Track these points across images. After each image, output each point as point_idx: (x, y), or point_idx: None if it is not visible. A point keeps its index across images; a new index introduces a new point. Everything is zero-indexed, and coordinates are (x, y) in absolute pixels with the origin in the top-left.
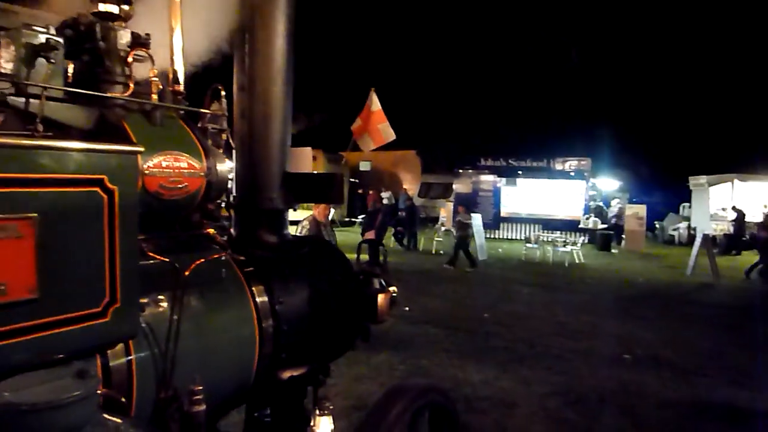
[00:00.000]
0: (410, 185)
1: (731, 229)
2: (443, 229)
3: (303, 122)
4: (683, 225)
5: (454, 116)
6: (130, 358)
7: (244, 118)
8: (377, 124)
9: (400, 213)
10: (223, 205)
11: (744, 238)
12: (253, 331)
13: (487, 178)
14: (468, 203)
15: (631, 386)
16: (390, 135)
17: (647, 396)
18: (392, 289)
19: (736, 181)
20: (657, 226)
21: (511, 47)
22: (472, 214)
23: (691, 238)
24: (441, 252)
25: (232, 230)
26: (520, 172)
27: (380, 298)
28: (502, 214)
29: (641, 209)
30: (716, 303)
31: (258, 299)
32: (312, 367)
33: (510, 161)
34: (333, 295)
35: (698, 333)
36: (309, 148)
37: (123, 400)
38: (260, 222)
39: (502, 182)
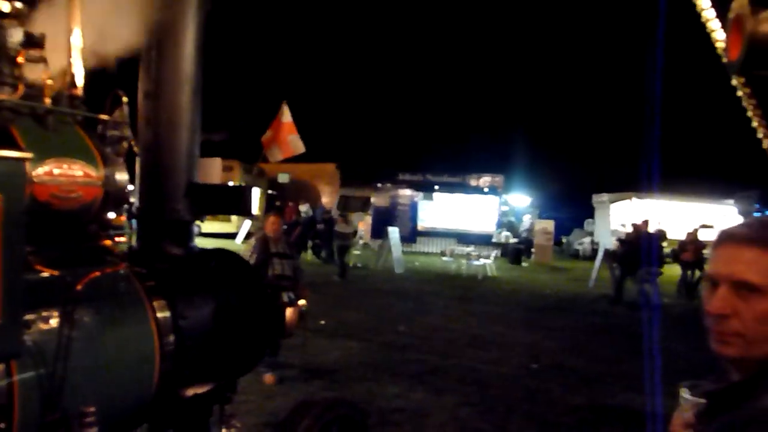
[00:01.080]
0: (329, 198)
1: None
2: (361, 242)
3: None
4: (587, 239)
5: (373, 130)
6: (11, 379)
7: (150, 125)
8: (287, 136)
9: (318, 226)
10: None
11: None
12: (152, 347)
13: (405, 193)
14: (382, 216)
15: (538, 394)
16: (299, 147)
17: (552, 402)
18: (301, 302)
19: (634, 198)
20: (564, 240)
21: (430, 66)
22: (389, 228)
23: (595, 252)
24: (359, 265)
25: (133, 242)
26: (436, 187)
27: (288, 311)
28: (419, 227)
29: (549, 224)
30: (616, 313)
31: (159, 314)
32: (218, 384)
33: (427, 176)
34: (240, 309)
35: (599, 341)
36: (218, 159)
37: (2, 425)
38: (164, 233)
39: (419, 197)
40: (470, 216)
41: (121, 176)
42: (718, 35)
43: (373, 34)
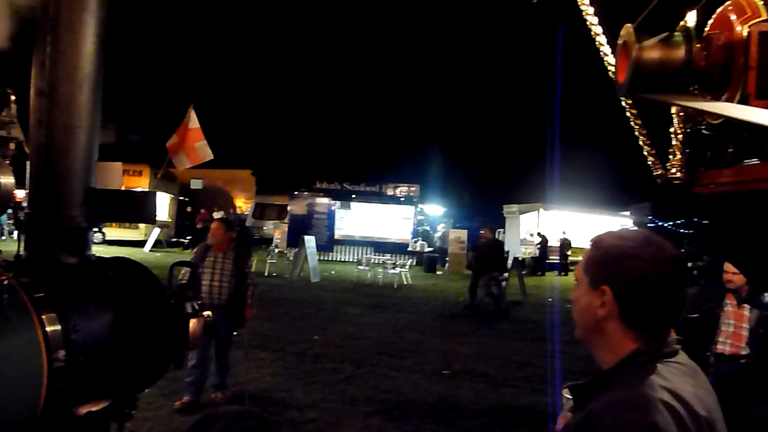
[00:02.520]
0: (245, 205)
1: (537, 253)
2: (277, 250)
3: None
4: None
5: (290, 138)
6: None
7: (42, 126)
8: (194, 143)
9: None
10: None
11: (547, 260)
12: (40, 363)
13: (322, 201)
14: (298, 225)
15: (449, 399)
16: (207, 154)
17: (462, 407)
18: (206, 313)
19: (541, 210)
20: None
21: (348, 75)
22: (305, 236)
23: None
24: (274, 274)
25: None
26: (354, 196)
27: (192, 322)
28: (336, 236)
29: (463, 234)
30: (524, 319)
31: (48, 328)
32: (116, 400)
33: (344, 185)
34: (140, 321)
35: (508, 346)
36: (119, 163)
37: None
38: (57, 241)
39: (336, 205)
40: (387, 225)
41: (7, 179)
42: (610, 60)
43: (290, 40)
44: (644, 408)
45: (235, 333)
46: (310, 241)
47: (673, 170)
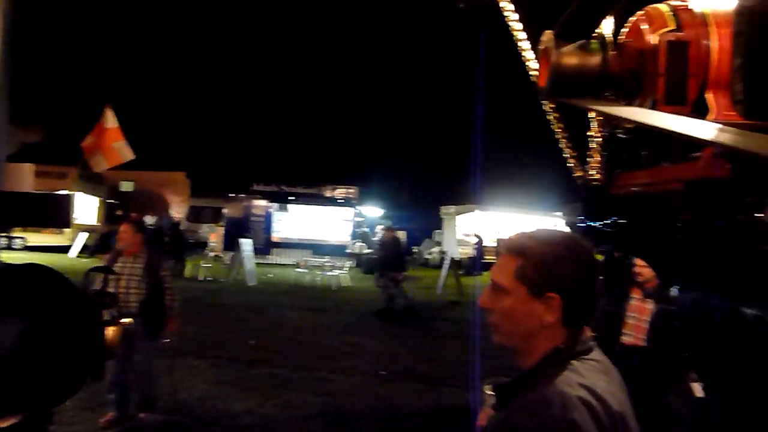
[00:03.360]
0: (179, 208)
1: (474, 253)
2: (212, 254)
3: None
4: (436, 249)
5: (226, 139)
6: None
7: None
8: (112, 143)
9: (164, 238)
10: None
11: (483, 260)
12: None
13: (259, 203)
14: (235, 228)
15: (387, 400)
16: (127, 155)
17: (400, 408)
18: (126, 320)
19: (477, 210)
20: (415, 250)
21: (284, 76)
22: (242, 240)
23: (442, 261)
24: (209, 278)
25: None
26: (291, 198)
27: (110, 330)
28: (274, 239)
29: (401, 235)
30: (460, 318)
31: None
32: (27, 415)
33: (282, 187)
34: (52, 330)
35: (445, 346)
36: (29, 165)
37: None
38: None
39: (274, 207)
40: (325, 227)
41: None
42: (533, 65)
43: (224, 38)
44: (564, 405)
45: (166, 340)
46: (246, 244)
47: (593, 172)
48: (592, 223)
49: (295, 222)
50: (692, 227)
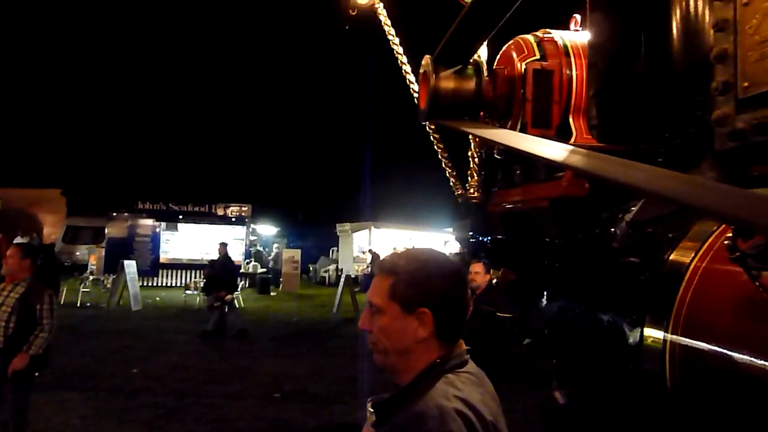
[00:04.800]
0: (53, 228)
1: (369, 269)
2: (92, 278)
3: None
4: (332, 267)
5: (108, 154)
6: None
7: None
8: None
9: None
10: None
11: None
12: None
13: (146, 222)
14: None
15: (279, 422)
16: None
17: (292, 429)
18: None
19: (373, 227)
20: (311, 268)
21: (172, 89)
22: (125, 261)
23: (339, 279)
24: (88, 304)
25: None
26: (181, 217)
27: None
28: (162, 260)
29: (296, 253)
30: (355, 335)
31: None
32: None
33: (170, 205)
34: None
35: (340, 364)
36: None
37: None
38: None
39: (161, 227)
40: (217, 246)
41: None
42: (415, 87)
43: (107, 44)
44: (441, 418)
45: (36, 374)
46: (130, 266)
47: (471, 190)
48: (481, 239)
49: (185, 242)
50: (557, 241)
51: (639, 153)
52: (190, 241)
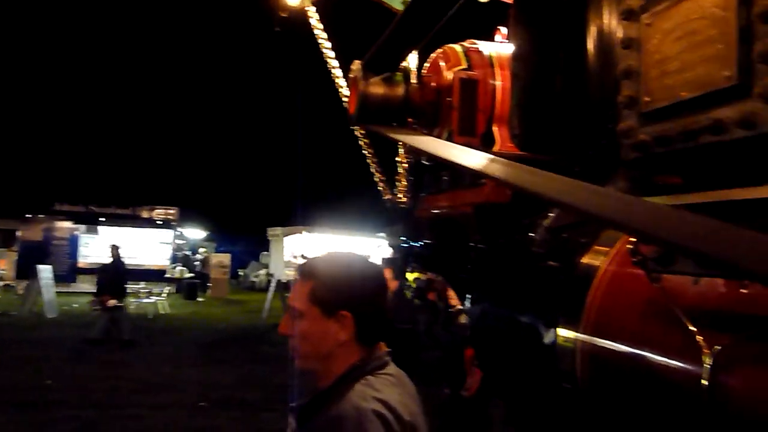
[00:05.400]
0: None
1: None
2: (2, 283)
3: None
4: (263, 272)
5: (20, 152)
6: None
7: None
8: None
9: None
10: None
11: None
12: None
13: (63, 225)
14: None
15: None
16: None
17: None
18: None
19: (305, 232)
20: (241, 273)
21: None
22: (40, 266)
23: (270, 284)
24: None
25: None
26: (102, 220)
27: None
28: (81, 265)
29: (226, 258)
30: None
31: None
32: None
33: (91, 207)
34: None
35: (270, 371)
36: None
37: None
38: None
39: (81, 230)
40: (141, 251)
41: None
42: (345, 92)
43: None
44: (359, 419)
45: None
46: (45, 271)
47: (400, 195)
48: (413, 244)
49: (106, 246)
50: (481, 246)
51: (557, 162)
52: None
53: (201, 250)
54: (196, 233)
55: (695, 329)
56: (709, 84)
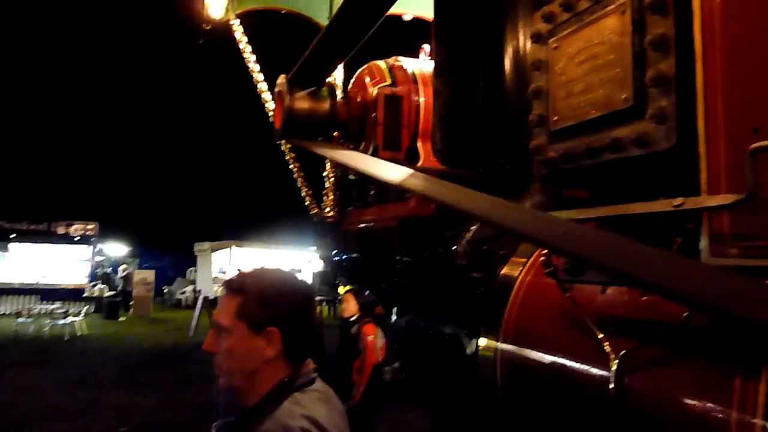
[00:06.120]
0: None
1: None
2: None
3: None
4: (189, 288)
5: None
6: None
7: None
8: None
9: None
10: None
11: None
12: None
13: None
14: None
15: None
16: None
17: None
18: None
19: (234, 247)
20: (166, 290)
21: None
22: None
23: (196, 301)
24: None
25: None
26: (13, 236)
27: None
28: None
29: (150, 274)
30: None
31: None
32: None
33: (1, 223)
34: None
35: (195, 391)
36: None
37: None
38: None
39: None
40: (57, 269)
41: None
42: (270, 106)
43: None
44: None
45: None
46: None
47: (327, 209)
48: (344, 256)
49: (18, 264)
50: (406, 259)
51: (478, 176)
52: (24, 263)
53: (123, 266)
54: (117, 249)
55: (602, 336)
56: (609, 105)
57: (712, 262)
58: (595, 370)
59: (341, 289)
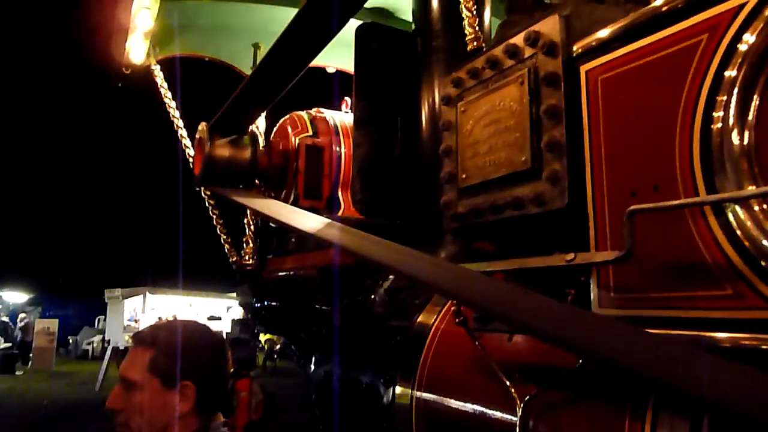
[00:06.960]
0: None
1: None
2: None
3: None
4: (98, 338)
5: None
6: None
7: None
8: None
9: None
10: None
11: None
12: None
13: None
14: None
15: None
16: None
17: None
18: None
19: (148, 293)
20: (71, 340)
21: None
22: None
23: (105, 351)
24: None
25: None
26: None
27: None
28: None
29: (53, 324)
30: None
31: None
32: None
33: None
34: None
35: None
36: None
37: None
38: None
39: None
40: None
41: None
42: (191, 152)
43: None
44: None
45: None
46: None
47: (247, 257)
48: (266, 303)
49: None
50: (325, 308)
51: (396, 227)
52: None
53: (22, 315)
54: (16, 296)
55: (509, 382)
56: (511, 166)
57: (599, 311)
58: (503, 415)
59: (262, 337)
